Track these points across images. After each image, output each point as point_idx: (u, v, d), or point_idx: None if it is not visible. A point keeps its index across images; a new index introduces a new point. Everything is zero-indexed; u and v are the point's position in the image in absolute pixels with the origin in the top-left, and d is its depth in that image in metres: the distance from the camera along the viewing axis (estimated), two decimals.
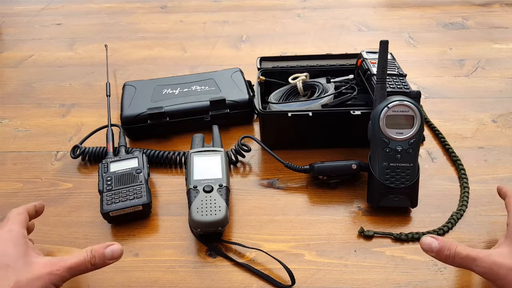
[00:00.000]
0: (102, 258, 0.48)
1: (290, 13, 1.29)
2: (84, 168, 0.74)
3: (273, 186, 0.68)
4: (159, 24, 1.25)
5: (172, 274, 0.56)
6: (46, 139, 0.81)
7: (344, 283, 0.54)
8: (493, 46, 1.06)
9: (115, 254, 0.49)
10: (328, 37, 1.14)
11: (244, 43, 1.13)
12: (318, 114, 0.70)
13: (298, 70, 0.82)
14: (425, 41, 1.10)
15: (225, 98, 0.78)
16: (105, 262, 0.49)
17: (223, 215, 0.57)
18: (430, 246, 0.48)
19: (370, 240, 0.59)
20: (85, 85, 0.98)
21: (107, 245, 0.49)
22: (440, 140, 0.76)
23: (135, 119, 0.77)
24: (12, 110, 0.90)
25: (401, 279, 0.54)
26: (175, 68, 1.02)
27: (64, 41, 1.18)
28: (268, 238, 0.60)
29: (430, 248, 0.49)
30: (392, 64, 0.73)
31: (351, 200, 0.65)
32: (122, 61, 1.06)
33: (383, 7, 1.31)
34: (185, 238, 0.60)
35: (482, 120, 0.81)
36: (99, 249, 0.49)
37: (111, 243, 0.50)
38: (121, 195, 0.61)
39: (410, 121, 0.59)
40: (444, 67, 0.98)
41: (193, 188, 0.60)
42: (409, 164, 0.59)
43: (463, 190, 0.65)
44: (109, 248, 0.49)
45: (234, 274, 0.55)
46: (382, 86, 0.62)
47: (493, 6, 1.27)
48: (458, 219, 0.61)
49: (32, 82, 0.99)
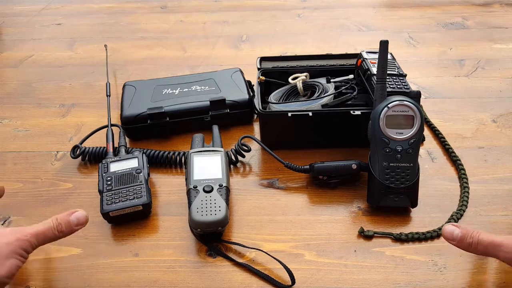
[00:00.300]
0: (68, 225, 0.50)
1: (290, 13, 1.29)
2: (84, 168, 0.74)
3: (273, 186, 0.68)
4: (159, 24, 1.25)
5: (172, 274, 0.56)
6: (46, 139, 0.81)
7: (344, 283, 0.54)
8: (493, 46, 1.06)
9: (80, 220, 0.51)
10: (328, 37, 1.14)
11: (244, 43, 1.13)
12: (318, 114, 0.70)
13: (298, 70, 0.82)
14: (425, 41, 1.10)
15: (225, 98, 0.78)
16: (72, 228, 0.50)
17: (223, 215, 0.57)
18: (452, 234, 0.48)
19: (370, 240, 0.59)
20: (85, 85, 0.98)
21: (72, 212, 0.51)
22: (440, 140, 0.76)
23: (135, 119, 0.77)
24: (12, 110, 0.90)
25: (401, 279, 0.54)
26: (175, 68, 1.02)
27: (64, 41, 1.18)
28: (268, 238, 0.60)
29: (451, 236, 0.48)
30: (392, 64, 0.73)
31: (351, 200, 0.65)
32: (122, 61, 1.06)
33: (383, 7, 1.31)
34: (185, 238, 0.60)
35: (482, 120, 0.81)
36: (64, 216, 0.50)
37: (76, 210, 0.51)
38: (121, 195, 0.61)
39: (410, 121, 0.59)
40: (444, 67, 0.98)
41: (193, 188, 0.60)
42: (409, 164, 0.59)
43: (463, 190, 0.65)
44: (73, 215, 0.50)
45: (234, 274, 0.55)
46: (382, 86, 0.62)
47: (493, 6, 1.27)
48: (458, 219, 0.61)
49: (32, 82, 0.99)
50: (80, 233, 0.61)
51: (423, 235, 0.58)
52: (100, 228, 0.62)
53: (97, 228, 0.62)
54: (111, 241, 0.60)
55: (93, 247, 0.60)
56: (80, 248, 0.59)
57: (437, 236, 0.59)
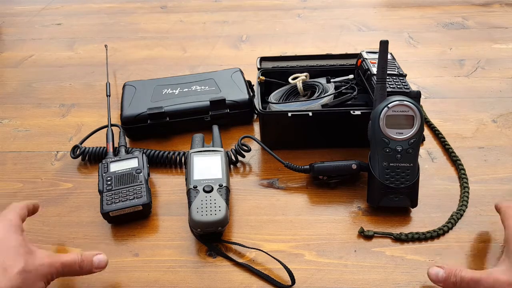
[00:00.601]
0: (89, 264, 0.51)
1: (290, 13, 1.29)
2: (84, 168, 0.74)
3: (273, 186, 0.68)
4: (159, 24, 1.25)
5: (172, 274, 0.56)
6: (46, 139, 0.81)
7: (344, 283, 0.54)
8: (493, 46, 1.06)
9: (101, 264, 0.52)
10: (328, 37, 1.14)
11: (244, 43, 1.13)
12: (318, 114, 0.70)
13: (298, 70, 0.82)
14: (425, 41, 1.10)
15: (225, 98, 0.78)
16: (92, 269, 0.51)
17: (223, 215, 0.57)
18: (437, 276, 0.50)
19: (370, 240, 0.59)
20: (85, 85, 0.98)
21: (96, 253, 0.52)
22: (440, 140, 0.76)
23: (135, 119, 0.77)
24: (12, 110, 0.90)
25: (401, 279, 0.54)
26: (175, 68, 1.02)
27: (64, 41, 1.18)
28: (268, 238, 0.60)
29: (437, 278, 0.50)
30: (392, 64, 0.73)
31: (351, 200, 0.65)
32: (122, 61, 1.06)
33: (383, 7, 1.31)
34: (185, 238, 0.60)
35: (482, 120, 0.81)
36: (88, 255, 0.51)
37: (99, 253, 0.52)
38: (121, 195, 0.61)
39: (410, 121, 0.59)
40: (444, 67, 0.98)
41: (193, 188, 0.60)
42: (409, 164, 0.59)
43: (463, 190, 0.65)
44: (96, 257, 0.51)
45: (234, 274, 0.55)
46: (382, 86, 0.62)
47: (493, 6, 1.27)
48: (458, 219, 0.61)
49: (32, 82, 0.99)
50: (80, 233, 0.62)
51: (423, 235, 0.58)
52: (100, 228, 0.62)
53: (97, 228, 0.62)
54: (111, 241, 0.60)
55: (93, 247, 0.60)
56: (80, 248, 0.60)
57: (437, 236, 0.59)
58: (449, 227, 0.60)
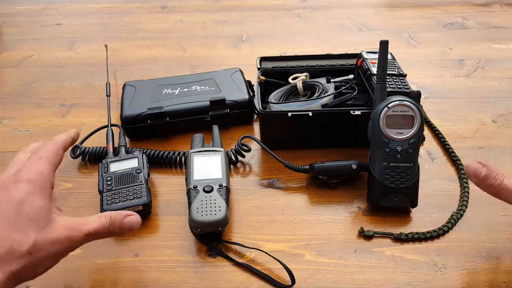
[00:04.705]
0: (119, 227, 0.46)
1: (290, 13, 1.29)
2: (84, 168, 0.74)
3: (273, 186, 0.68)
4: (159, 24, 1.25)
5: (172, 274, 0.56)
6: (46, 139, 0.81)
7: (344, 283, 0.54)
8: (493, 46, 1.06)
9: (133, 226, 0.47)
10: (328, 37, 1.14)
11: (244, 43, 1.13)
12: (318, 114, 0.70)
13: (298, 70, 0.82)
14: (425, 41, 1.10)
15: (225, 98, 0.78)
16: (123, 231, 0.47)
17: (223, 215, 0.57)
18: (476, 172, 0.47)
19: (370, 240, 0.59)
20: (85, 85, 0.98)
21: (127, 214, 0.47)
22: (440, 140, 0.76)
23: (135, 119, 0.77)
24: (12, 110, 0.90)
25: (401, 279, 0.54)
26: (175, 68, 1.01)
27: (64, 41, 1.18)
28: (268, 238, 0.60)
29: (475, 174, 0.47)
30: (392, 64, 0.73)
31: (351, 200, 0.65)
32: (122, 61, 1.06)
33: (383, 7, 1.31)
34: (185, 238, 0.60)
35: (482, 120, 0.81)
36: (118, 217, 0.46)
37: (131, 213, 0.47)
38: (121, 195, 0.61)
39: (410, 121, 0.59)
40: (444, 67, 0.98)
41: (193, 188, 0.60)
42: (409, 164, 0.59)
43: (463, 190, 0.65)
44: (127, 219, 0.47)
45: (234, 274, 0.55)
46: (382, 86, 0.62)
47: (493, 6, 1.27)
48: (458, 219, 0.61)
49: (32, 82, 0.99)
50: None
51: (423, 235, 0.58)
52: None
53: None
54: (111, 241, 0.60)
55: (93, 247, 0.59)
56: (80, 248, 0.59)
57: (437, 236, 0.59)
58: (449, 227, 0.60)
